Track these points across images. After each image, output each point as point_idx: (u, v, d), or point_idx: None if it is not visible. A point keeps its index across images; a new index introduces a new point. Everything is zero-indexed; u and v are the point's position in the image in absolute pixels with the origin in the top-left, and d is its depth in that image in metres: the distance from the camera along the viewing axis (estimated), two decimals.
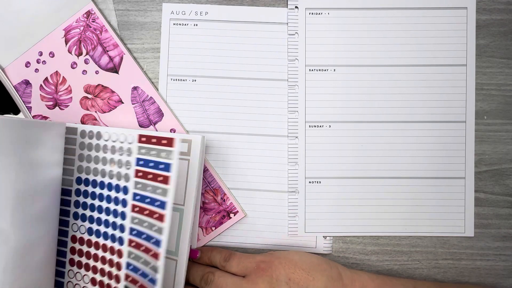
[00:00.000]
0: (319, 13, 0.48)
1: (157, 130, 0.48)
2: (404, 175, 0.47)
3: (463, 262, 0.47)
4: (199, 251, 0.46)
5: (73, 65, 0.48)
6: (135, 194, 0.41)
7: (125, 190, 0.42)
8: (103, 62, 0.48)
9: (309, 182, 0.47)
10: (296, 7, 0.48)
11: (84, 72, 0.48)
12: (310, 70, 0.47)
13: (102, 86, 0.48)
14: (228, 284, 0.42)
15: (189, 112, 0.48)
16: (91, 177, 0.44)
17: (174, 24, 0.48)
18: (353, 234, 0.47)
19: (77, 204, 0.44)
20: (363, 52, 0.47)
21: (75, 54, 0.48)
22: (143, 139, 0.41)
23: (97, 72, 0.48)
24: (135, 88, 0.48)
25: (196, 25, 0.48)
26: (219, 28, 0.48)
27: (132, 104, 0.48)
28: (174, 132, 0.48)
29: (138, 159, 0.41)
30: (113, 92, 0.48)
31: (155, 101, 0.48)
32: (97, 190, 0.43)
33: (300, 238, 0.47)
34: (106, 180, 0.43)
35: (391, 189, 0.47)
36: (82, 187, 0.44)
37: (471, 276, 0.47)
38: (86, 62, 0.48)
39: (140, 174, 0.41)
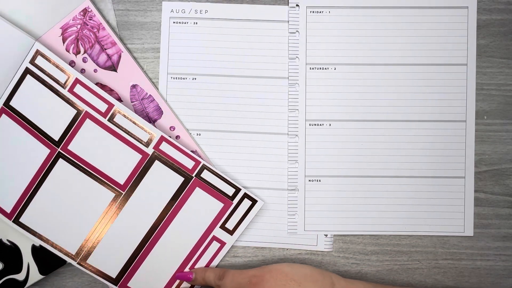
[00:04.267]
0: (320, 12, 0.46)
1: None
2: (404, 174, 0.46)
3: (463, 262, 0.46)
4: (193, 273, 0.44)
5: (71, 64, 0.45)
6: None
7: None
8: (101, 61, 0.45)
9: (309, 180, 0.46)
10: (297, 5, 0.46)
11: (83, 70, 0.46)
12: (310, 68, 0.46)
13: (101, 84, 0.46)
14: None
15: (189, 110, 0.46)
16: None
17: (174, 22, 0.46)
18: (352, 232, 0.46)
19: None
20: (364, 50, 0.46)
21: (73, 53, 0.45)
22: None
23: (95, 71, 0.46)
24: (134, 86, 0.46)
25: (196, 23, 0.46)
26: (219, 26, 0.46)
27: (131, 102, 0.46)
28: (174, 130, 0.46)
29: None
30: (112, 90, 0.46)
31: (154, 99, 0.46)
32: None
33: (301, 236, 0.45)
34: None
35: (391, 187, 0.45)
36: None
37: (471, 276, 0.46)
38: (84, 60, 0.45)
39: None
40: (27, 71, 0.42)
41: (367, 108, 0.45)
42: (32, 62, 0.42)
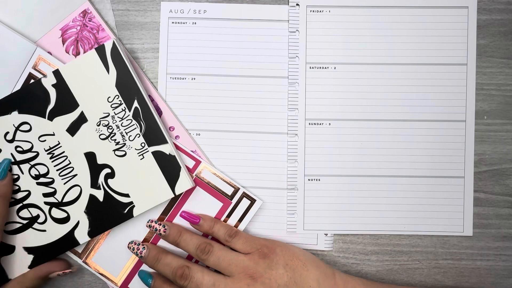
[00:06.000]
0: (320, 11, 0.45)
1: None
2: (403, 174, 0.45)
3: (463, 262, 0.45)
4: (201, 218, 0.43)
5: None
6: None
7: None
8: None
9: (308, 179, 0.45)
10: (297, 4, 0.45)
11: None
12: (310, 67, 0.45)
13: None
14: (232, 258, 0.40)
15: (189, 110, 0.45)
16: None
17: (172, 22, 0.45)
18: (351, 232, 0.45)
19: None
20: (364, 50, 0.45)
21: (73, 54, 0.44)
22: None
23: None
24: None
25: (195, 23, 0.45)
26: (218, 26, 0.45)
27: None
28: (174, 130, 0.45)
29: None
30: None
31: (153, 99, 0.45)
32: None
33: (300, 235, 0.45)
34: None
35: (390, 187, 0.45)
36: None
37: (471, 276, 0.45)
38: None
39: None
40: (30, 76, 0.43)
41: (366, 108, 0.44)
42: (35, 67, 0.43)
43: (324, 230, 0.44)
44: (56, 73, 0.42)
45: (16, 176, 0.42)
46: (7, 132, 0.42)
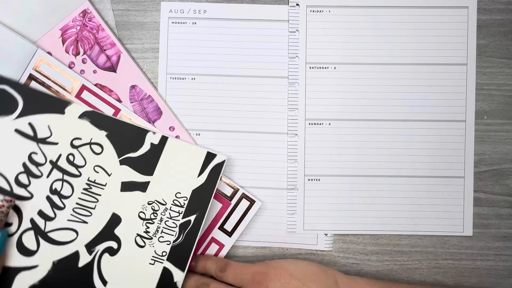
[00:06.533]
0: (320, 11, 0.45)
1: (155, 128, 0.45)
2: (403, 174, 0.45)
3: (463, 262, 0.45)
4: (193, 259, 0.42)
5: (71, 65, 0.44)
6: None
7: None
8: (101, 61, 0.44)
9: (308, 179, 0.45)
10: (297, 4, 0.45)
11: (82, 71, 0.44)
12: (310, 67, 0.45)
13: (100, 85, 0.44)
14: None
15: (189, 110, 0.45)
16: None
17: (172, 22, 0.45)
18: (351, 232, 0.45)
19: None
20: (364, 50, 0.45)
21: (73, 54, 0.44)
22: None
23: (95, 72, 0.44)
24: (133, 87, 0.45)
25: (195, 23, 0.45)
26: (218, 26, 0.45)
27: (131, 102, 0.45)
28: (174, 130, 0.45)
29: None
30: (111, 91, 0.45)
31: (153, 99, 0.45)
32: None
33: (300, 235, 0.45)
34: None
35: (390, 187, 0.44)
36: None
37: (471, 276, 0.45)
38: (83, 61, 0.44)
39: None
40: (31, 77, 0.43)
41: (366, 108, 0.44)
42: (35, 68, 0.43)
43: (324, 230, 0.44)
44: (163, 139, 0.41)
45: (40, 175, 0.39)
46: (84, 144, 0.40)
